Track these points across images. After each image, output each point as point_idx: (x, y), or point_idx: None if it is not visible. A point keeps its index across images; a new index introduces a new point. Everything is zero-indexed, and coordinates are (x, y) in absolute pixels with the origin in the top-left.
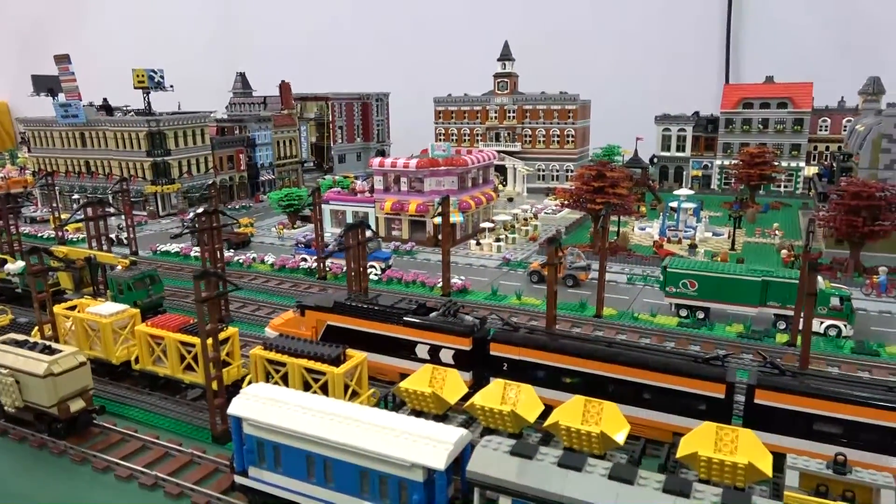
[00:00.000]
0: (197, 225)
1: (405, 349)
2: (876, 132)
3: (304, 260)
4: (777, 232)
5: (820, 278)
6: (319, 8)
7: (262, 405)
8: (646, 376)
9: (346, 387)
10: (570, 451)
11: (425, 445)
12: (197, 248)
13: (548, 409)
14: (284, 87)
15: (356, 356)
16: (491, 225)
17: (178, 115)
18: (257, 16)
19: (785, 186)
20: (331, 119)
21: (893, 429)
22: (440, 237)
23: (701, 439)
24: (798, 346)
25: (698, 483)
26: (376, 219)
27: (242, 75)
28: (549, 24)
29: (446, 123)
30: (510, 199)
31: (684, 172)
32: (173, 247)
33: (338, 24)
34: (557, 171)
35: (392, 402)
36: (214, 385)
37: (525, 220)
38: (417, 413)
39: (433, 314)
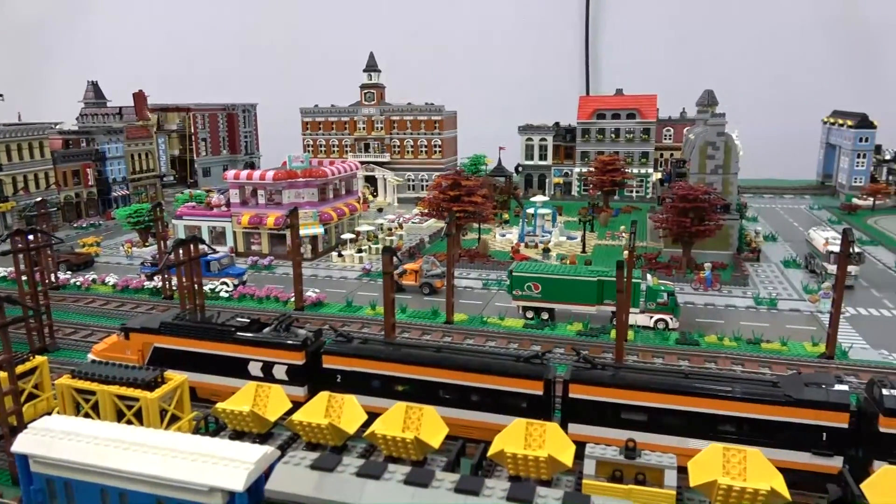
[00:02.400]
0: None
1: (238, 368)
2: (702, 140)
3: (150, 279)
4: (624, 234)
5: (649, 275)
6: (181, 17)
7: (52, 440)
8: (470, 378)
9: (164, 412)
10: (391, 459)
11: (224, 467)
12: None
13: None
14: (139, 96)
15: (175, 379)
16: (353, 236)
17: (12, 127)
18: (114, 22)
19: (636, 191)
20: (193, 131)
21: (688, 412)
22: (302, 251)
23: (511, 437)
24: (631, 340)
25: (494, 481)
26: (234, 233)
27: (95, 84)
28: (416, 37)
29: (314, 134)
30: (380, 210)
31: (547, 180)
32: None
33: (202, 33)
34: (426, 180)
35: (215, 424)
36: (13, 421)
37: (389, 230)
38: (239, 434)
39: (266, 329)
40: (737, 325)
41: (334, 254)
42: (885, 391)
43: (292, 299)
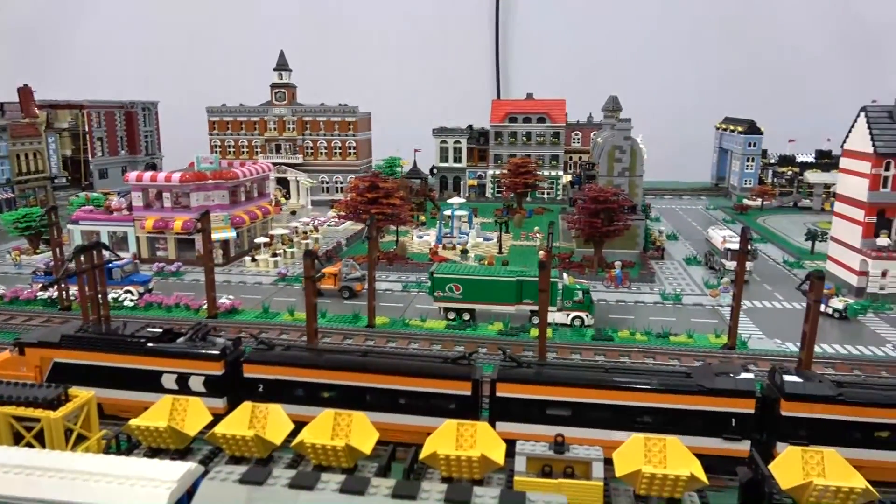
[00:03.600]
0: None
1: (151, 381)
2: (610, 144)
3: (45, 289)
4: (538, 235)
5: (565, 275)
6: (75, 8)
7: None
8: (398, 382)
9: (69, 432)
10: (320, 468)
11: (143, 488)
12: None
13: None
14: (25, 92)
15: (81, 395)
16: (266, 240)
17: None
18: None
19: (548, 193)
20: (88, 130)
21: (611, 405)
22: (214, 256)
23: (443, 438)
24: (550, 337)
25: (430, 484)
26: (137, 238)
27: None
28: (329, 38)
29: (222, 135)
30: (293, 213)
31: (462, 182)
32: None
33: (100, 25)
34: (341, 182)
35: (127, 442)
36: None
37: (305, 233)
38: (155, 452)
39: (180, 339)
40: (646, 319)
41: (247, 258)
42: (785, 377)
43: (204, 307)
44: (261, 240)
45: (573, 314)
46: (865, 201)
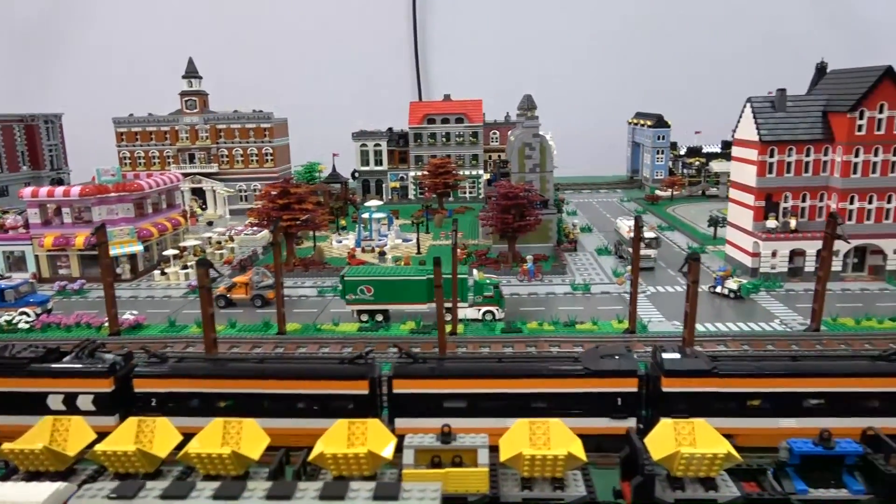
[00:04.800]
0: None
1: (35, 403)
2: (520, 141)
3: None
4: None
5: (475, 270)
6: None
7: None
8: (295, 386)
9: None
10: (210, 478)
11: None
12: None
13: None
14: None
15: None
16: (176, 252)
17: None
18: None
19: (469, 192)
20: None
21: (504, 394)
22: (120, 271)
23: (333, 438)
24: (461, 333)
25: (308, 483)
26: (36, 257)
27: None
28: (242, 43)
29: (131, 146)
30: (210, 223)
31: (384, 185)
32: None
33: None
34: (259, 190)
35: (5, 467)
36: None
37: (219, 243)
38: (34, 475)
39: (67, 358)
40: (556, 310)
41: (156, 272)
42: (665, 355)
43: (107, 324)
44: (170, 252)
45: (484, 309)
46: (754, 186)
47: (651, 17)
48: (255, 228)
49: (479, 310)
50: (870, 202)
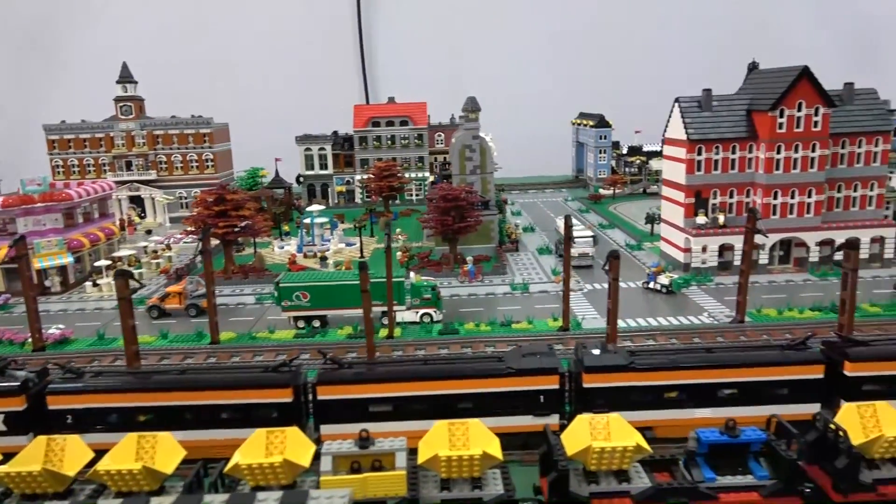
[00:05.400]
0: None
1: None
2: (460, 143)
3: None
4: (401, 236)
5: (412, 273)
6: None
7: None
8: (217, 396)
9: None
10: (121, 495)
11: None
12: None
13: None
14: None
15: None
16: (108, 263)
17: None
18: None
19: (416, 195)
20: None
21: (428, 396)
22: (50, 284)
23: (251, 448)
24: (398, 336)
25: (213, 496)
26: None
27: None
28: (180, 47)
29: (63, 154)
30: (149, 232)
31: (329, 189)
32: None
33: None
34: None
35: None
36: None
37: (155, 252)
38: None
39: None
40: (495, 310)
41: (88, 283)
42: (585, 352)
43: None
44: (102, 263)
45: (422, 311)
46: (684, 184)
47: (594, 19)
48: (193, 237)
49: (417, 312)
50: (792, 197)
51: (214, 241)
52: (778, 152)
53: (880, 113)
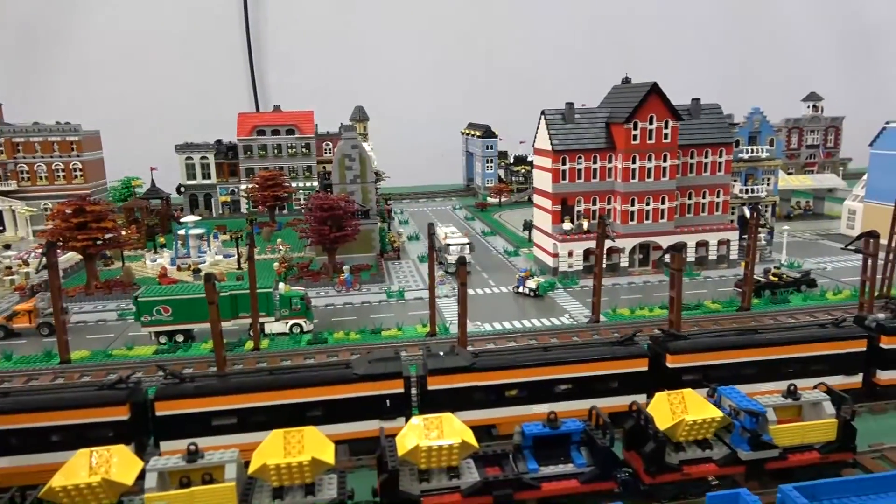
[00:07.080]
0: None
1: None
2: (340, 153)
3: None
4: (282, 247)
5: (282, 284)
6: None
7: None
8: (46, 418)
9: None
10: None
11: None
12: None
13: None
14: None
15: None
16: None
17: None
18: None
19: (304, 205)
20: None
21: (275, 406)
22: None
23: (72, 469)
24: (265, 347)
25: None
26: None
27: None
28: (56, 51)
29: None
30: (7, 246)
31: (213, 199)
32: None
33: None
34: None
35: None
36: None
37: (9, 268)
38: None
39: None
40: (368, 318)
41: None
42: (430, 356)
43: None
44: None
45: (292, 322)
46: (551, 192)
47: (481, 32)
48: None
49: (287, 323)
50: (647, 203)
51: (78, 256)
52: (634, 162)
53: (723, 126)
